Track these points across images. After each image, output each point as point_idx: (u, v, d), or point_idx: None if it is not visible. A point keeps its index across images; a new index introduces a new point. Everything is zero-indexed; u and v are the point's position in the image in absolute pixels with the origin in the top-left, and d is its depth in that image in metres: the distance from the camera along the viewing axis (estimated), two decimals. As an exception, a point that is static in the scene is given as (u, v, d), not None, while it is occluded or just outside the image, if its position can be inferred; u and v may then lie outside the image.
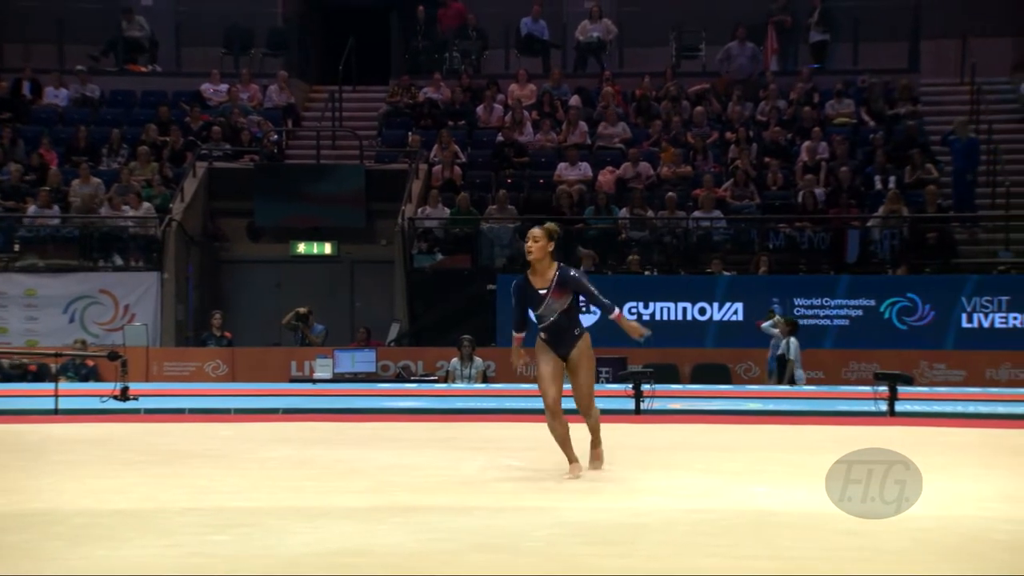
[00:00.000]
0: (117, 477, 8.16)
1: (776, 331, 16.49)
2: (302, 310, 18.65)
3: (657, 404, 12.96)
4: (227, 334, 18.92)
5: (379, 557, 5.70)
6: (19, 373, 17.16)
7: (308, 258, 21.05)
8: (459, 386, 16.40)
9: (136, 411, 12.62)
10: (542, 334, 8.04)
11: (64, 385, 13.65)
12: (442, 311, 19.23)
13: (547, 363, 8.03)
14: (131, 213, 19.89)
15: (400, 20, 24.18)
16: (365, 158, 21.52)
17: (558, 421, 8.02)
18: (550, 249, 7.92)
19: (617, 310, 8.08)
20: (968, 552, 5.88)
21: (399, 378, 17.71)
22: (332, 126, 22.70)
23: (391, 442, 10.18)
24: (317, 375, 16.99)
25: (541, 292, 7.96)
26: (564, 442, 8.07)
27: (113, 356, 13.74)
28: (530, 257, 7.91)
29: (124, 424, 11.50)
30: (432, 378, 17.50)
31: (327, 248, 21.05)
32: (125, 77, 23.34)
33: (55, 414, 12.20)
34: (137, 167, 20.73)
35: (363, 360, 17.34)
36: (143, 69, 23.53)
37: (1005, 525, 6.53)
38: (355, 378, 16.87)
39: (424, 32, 23.93)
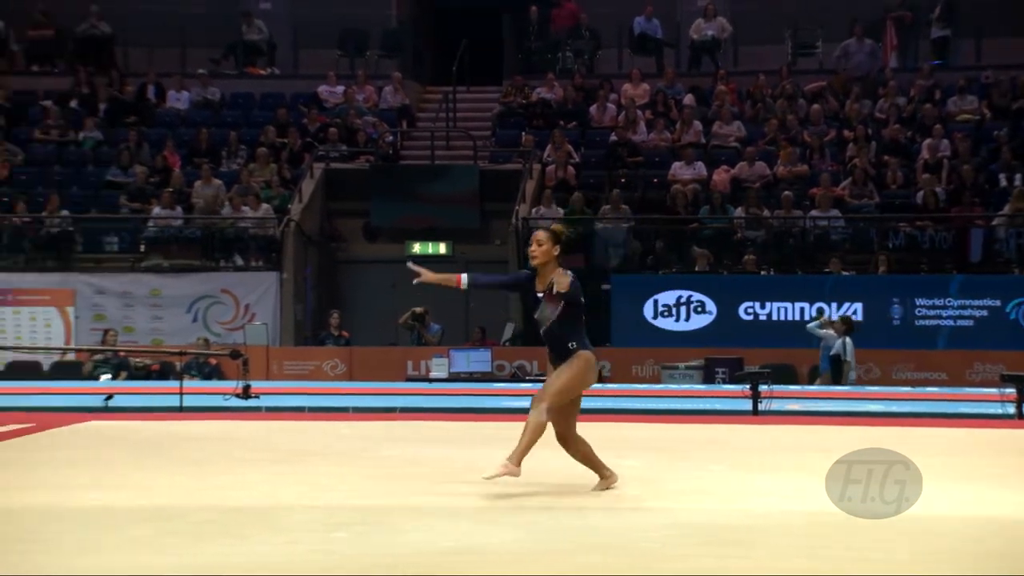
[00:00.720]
0: (238, 474, 8.29)
1: (826, 332, 16.29)
2: (419, 310, 18.74)
3: (775, 405, 12.84)
4: (345, 333, 19.11)
5: (492, 556, 5.72)
6: (143, 373, 17.54)
7: (423, 258, 21.05)
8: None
9: (257, 409, 12.82)
10: (548, 348, 7.46)
11: (188, 383, 13.90)
12: (557, 311, 19.18)
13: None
14: (250, 214, 20.20)
15: (513, 21, 24.25)
16: (479, 158, 21.63)
17: (573, 449, 7.51)
18: (555, 254, 7.28)
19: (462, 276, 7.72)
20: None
21: (514, 377, 17.77)
22: (446, 127, 22.81)
23: (506, 441, 10.14)
24: (433, 374, 17.11)
25: (539, 295, 7.32)
26: (589, 461, 7.54)
27: (235, 355, 14.02)
28: (533, 262, 7.25)
29: (246, 422, 11.68)
30: (547, 378, 17.49)
31: (442, 248, 21.15)
32: (244, 80, 23.73)
33: (179, 411, 12.44)
34: (256, 168, 21.05)
35: (478, 360, 17.40)
36: (262, 72, 23.90)
37: None
38: (470, 377, 16.96)
39: (537, 32, 24.00)
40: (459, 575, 5.35)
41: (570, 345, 7.30)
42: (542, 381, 16.75)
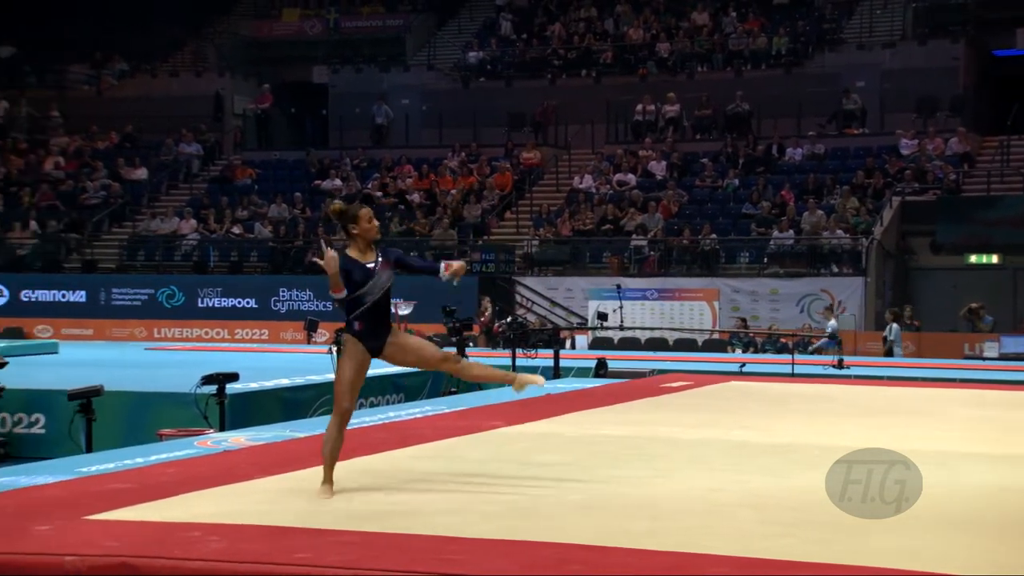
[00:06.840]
0: (834, 423, 8.08)
1: None
2: (974, 305, 17.44)
3: None
4: (916, 322, 18.15)
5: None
6: (772, 349, 17.47)
7: (978, 266, 19.62)
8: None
9: (847, 376, 12.46)
10: (356, 324, 5.29)
11: (798, 356, 13.79)
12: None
13: (352, 365, 5.30)
14: (844, 235, 19.67)
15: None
16: (1028, 190, 19.64)
17: (340, 436, 5.26)
18: None
19: (443, 263, 5.37)
20: None
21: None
22: (1000, 167, 20.94)
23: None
24: (986, 354, 15.80)
25: (369, 266, 5.25)
26: (332, 459, 5.25)
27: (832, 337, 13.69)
28: (376, 235, 5.35)
29: (839, 385, 11.30)
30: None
31: (994, 259, 19.51)
32: (843, 138, 23.05)
33: (791, 376, 12.27)
34: (850, 201, 20.43)
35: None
36: (855, 132, 23.14)
37: None
38: (1018, 357, 15.45)
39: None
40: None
41: (390, 320, 5.40)
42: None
